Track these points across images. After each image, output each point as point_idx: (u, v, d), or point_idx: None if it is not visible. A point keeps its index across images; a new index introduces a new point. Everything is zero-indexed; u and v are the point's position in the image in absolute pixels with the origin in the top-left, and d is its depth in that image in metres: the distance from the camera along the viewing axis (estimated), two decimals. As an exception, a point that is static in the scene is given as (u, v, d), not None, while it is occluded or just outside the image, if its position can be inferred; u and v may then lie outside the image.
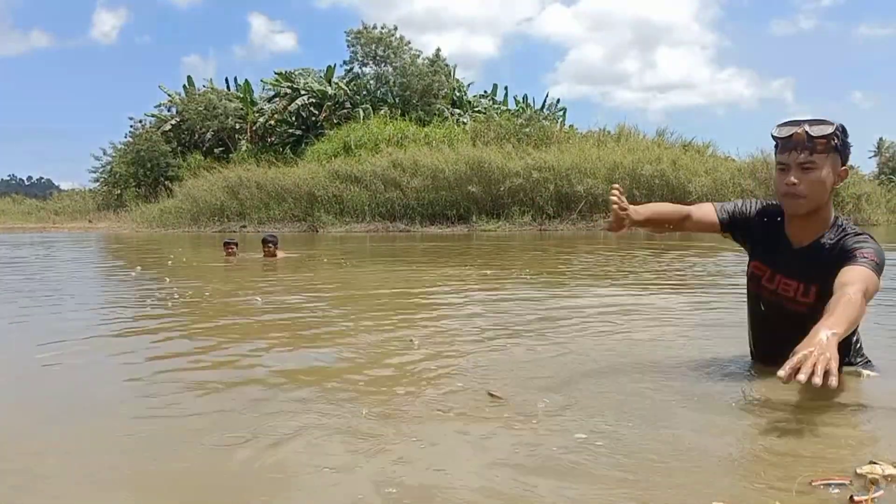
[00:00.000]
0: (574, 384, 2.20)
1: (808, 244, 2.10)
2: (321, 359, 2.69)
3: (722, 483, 1.40)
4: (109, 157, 33.39)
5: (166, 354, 2.85)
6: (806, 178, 2.00)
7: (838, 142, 2.01)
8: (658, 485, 1.39)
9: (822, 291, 2.02)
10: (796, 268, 2.10)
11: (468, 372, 2.41)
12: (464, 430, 1.77)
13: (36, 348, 2.96)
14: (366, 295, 5.05)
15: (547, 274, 6.73)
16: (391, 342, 2.96)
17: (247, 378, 2.40)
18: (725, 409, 1.92)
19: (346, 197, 20.85)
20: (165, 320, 3.76)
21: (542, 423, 1.80)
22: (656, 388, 2.12)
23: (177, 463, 1.60)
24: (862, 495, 1.28)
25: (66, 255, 10.88)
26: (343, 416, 1.91)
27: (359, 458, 1.58)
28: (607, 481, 1.41)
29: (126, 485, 1.50)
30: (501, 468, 1.50)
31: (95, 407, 2.10)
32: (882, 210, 21.87)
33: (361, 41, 28.72)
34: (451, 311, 4.11)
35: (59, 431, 1.85)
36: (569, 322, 3.49)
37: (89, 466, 1.59)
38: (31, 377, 2.54)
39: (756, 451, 1.59)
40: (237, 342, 3.10)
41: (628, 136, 22.73)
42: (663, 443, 1.61)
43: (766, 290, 2.19)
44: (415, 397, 2.10)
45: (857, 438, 1.66)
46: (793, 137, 2.01)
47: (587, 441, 1.65)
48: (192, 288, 5.24)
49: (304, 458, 1.60)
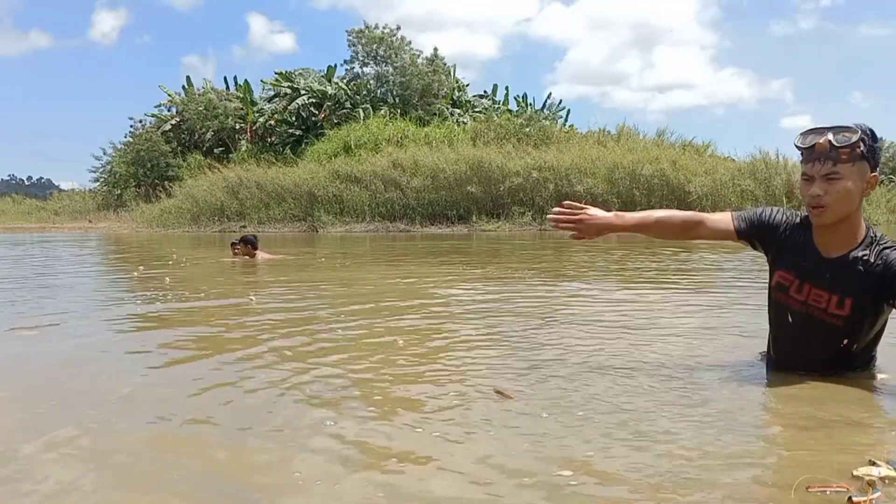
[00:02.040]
0: (572, 384, 2.19)
1: (841, 255, 2.03)
2: (312, 361, 2.69)
3: (720, 487, 1.40)
4: (109, 157, 33.45)
5: (165, 353, 2.86)
6: (831, 188, 1.93)
7: (864, 148, 1.93)
8: (655, 489, 1.39)
9: (858, 305, 1.99)
10: (828, 278, 2.03)
11: (469, 372, 2.41)
12: (465, 431, 1.77)
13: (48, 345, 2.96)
14: (359, 295, 5.05)
15: (546, 273, 6.73)
16: (377, 342, 2.96)
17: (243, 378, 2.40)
18: (723, 410, 1.92)
19: (346, 197, 20.85)
20: (165, 321, 3.77)
21: (540, 423, 1.81)
22: (652, 390, 2.12)
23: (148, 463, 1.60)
24: (860, 496, 1.28)
25: (68, 257, 10.88)
26: (344, 415, 1.91)
27: (358, 459, 1.59)
28: (606, 482, 1.42)
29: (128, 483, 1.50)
30: (501, 467, 1.50)
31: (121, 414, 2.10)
32: (882, 210, 21.87)
33: (363, 41, 28.71)
34: (449, 311, 4.11)
35: (65, 433, 1.85)
36: (568, 321, 3.49)
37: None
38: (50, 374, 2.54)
39: (754, 453, 1.60)
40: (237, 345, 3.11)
41: (628, 136, 22.73)
42: (659, 447, 1.61)
43: (794, 301, 2.11)
44: (414, 397, 2.10)
45: (856, 441, 1.66)
46: (815, 148, 1.95)
47: (583, 442, 1.65)
48: (191, 288, 5.26)
49: (301, 459, 1.60)
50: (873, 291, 1.98)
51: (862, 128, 1.94)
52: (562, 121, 31.15)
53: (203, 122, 30.80)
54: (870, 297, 1.99)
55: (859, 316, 2.00)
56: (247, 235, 8.52)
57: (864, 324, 2.05)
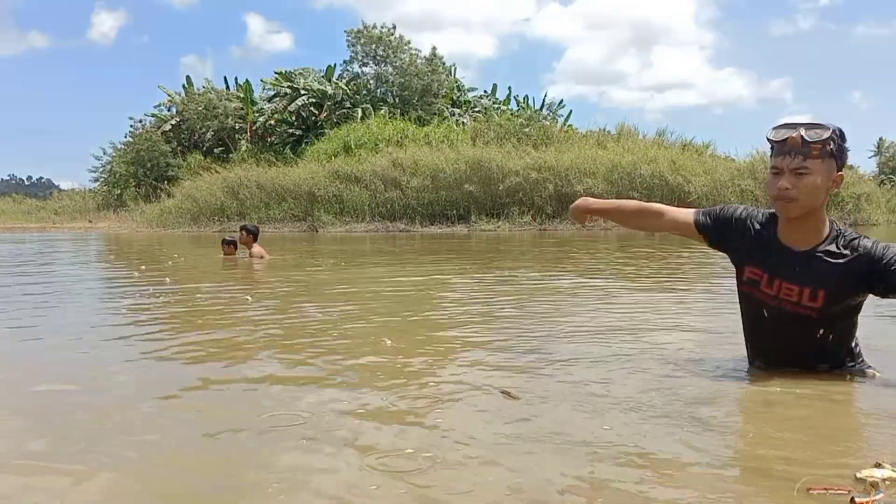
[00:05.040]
0: (570, 384, 2.19)
1: (809, 249, 2.06)
2: (307, 362, 2.69)
3: (720, 488, 1.40)
4: (109, 157, 33.44)
5: (164, 355, 2.86)
6: (800, 182, 1.97)
7: (834, 146, 1.97)
8: (653, 490, 1.39)
9: (831, 295, 2.02)
10: (798, 272, 2.06)
11: (470, 372, 2.41)
12: (465, 430, 1.77)
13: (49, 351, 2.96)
14: (359, 296, 5.05)
15: (547, 274, 6.73)
16: (375, 342, 2.96)
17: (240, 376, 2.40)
18: (721, 412, 1.91)
19: (346, 197, 20.85)
20: (165, 320, 3.77)
21: (539, 423, 1.81)
22: (648, 391, 2.11)
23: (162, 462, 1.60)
24: (863, 498, 1.28)
25: (69, 257, 10.87)
26: (345, 414, 1.91)
27: (357, 458, 1.58)
28: (603, 485, 1.41)
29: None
30: (500, 467, 1.50)
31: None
32: (882, 210, 21.86)
33: (361, 41, 28.72)
34: (449, 311, 4.11)
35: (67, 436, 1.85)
36: (568, 320, 3.49)
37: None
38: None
39: (753, 455, 1.59)
40: (236, 344, 3.11)
41: (628, 137, 22.74)
42: (656, 449, 1.60)
43: (766, 296, 2.14)
44: (412, 396, 2.10)
45: (856, 443, 1.66)
46: (787, 142, 1.99)
47: (581, 442, 1.65)
48: (189, 288, 5.26)
49: (299, 459, 1.60)
50: (848, 281, 2.02)
51: (833, 127, 1.98)
52: (563, 120, 31.19)
53: (203, 122, 30.80)
54: (843, 286, 2.02)
55: (833, 306, 2.03)
56: (247, 224, 8.47)
57: (839, 313, 2.08)
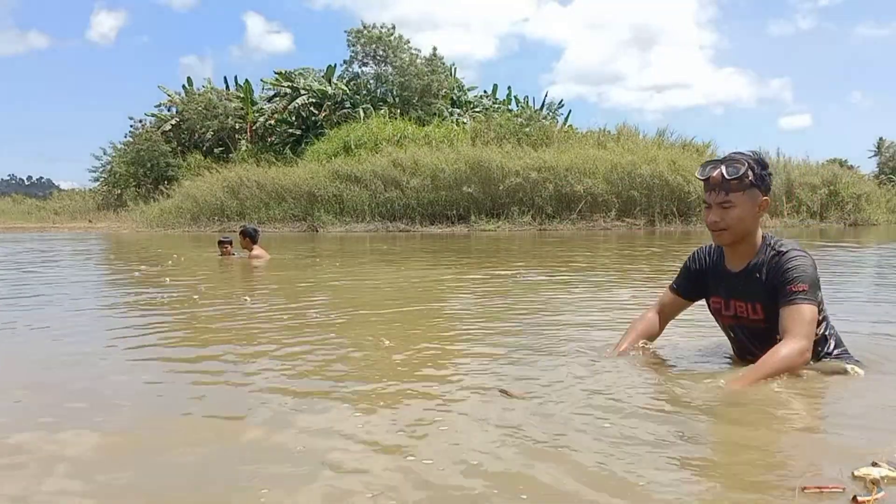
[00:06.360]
0: (570, 383, 2.19)
1: (744, 268, 2.25)
2: (305, 362, 2.69)
3: (718, 488, 1.40)
4: (109, 157, 33.40)
5: (163, 355, 2.86)
6: (726, 214, 2.17)
7: (753, 177, 2.15)
8: (649, 493, 1.39)
9: (767, 308, 2.18)
10: (741, 290, 2.26)
11: (470, 371, 2.41)
12: (465, 431, 1.77)
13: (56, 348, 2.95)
14: (358, 295, 5.05)
15: (546, 273, 6.73)
16: (373, 343, 2.96)
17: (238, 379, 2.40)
18: (713, 412, 1.92)
19: (346, 197, 20.84)
20: (165, 321, 3.77)
21: (537, 419, 1.81)
22: (645, 388, 2.12)
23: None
24: (865, 496, 1.28)
25: (70, 257, 10.87)
26: (344, 414, 1.91)
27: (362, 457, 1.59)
28: (603, 485, 1.42)
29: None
30: (500, 467, 1.50)
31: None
32: (882, 210, 21.86)
33: (361, 41, 28.69)
34: (449, 310, 4.11)
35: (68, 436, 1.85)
36: (567, 319, 3.49)
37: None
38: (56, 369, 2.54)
39: (750, 456, 1.59)
40: (234, 343, 3.11)
41: (628, 137, 22.72)
42: (652, 450, 1.60)
43: (727, 318, 2.34)
44: (412, 396, 2.10)
45: (852, 442, 1.66)
46: (710, 180, 2.19)
47: (578, 443, 1.65)
48: (188, 288, 5.26)
49: (298, 458, 1.60)
50: (773, 292, 2.15)
51: (750, 160, 2.16)
52: (562, 120, 31.17)
53: (203, 121, 30.77)
54: (771, 297, 2.16)
55: (773, 318, 2.16)
56: (247, 226, 8.15)
57: None
